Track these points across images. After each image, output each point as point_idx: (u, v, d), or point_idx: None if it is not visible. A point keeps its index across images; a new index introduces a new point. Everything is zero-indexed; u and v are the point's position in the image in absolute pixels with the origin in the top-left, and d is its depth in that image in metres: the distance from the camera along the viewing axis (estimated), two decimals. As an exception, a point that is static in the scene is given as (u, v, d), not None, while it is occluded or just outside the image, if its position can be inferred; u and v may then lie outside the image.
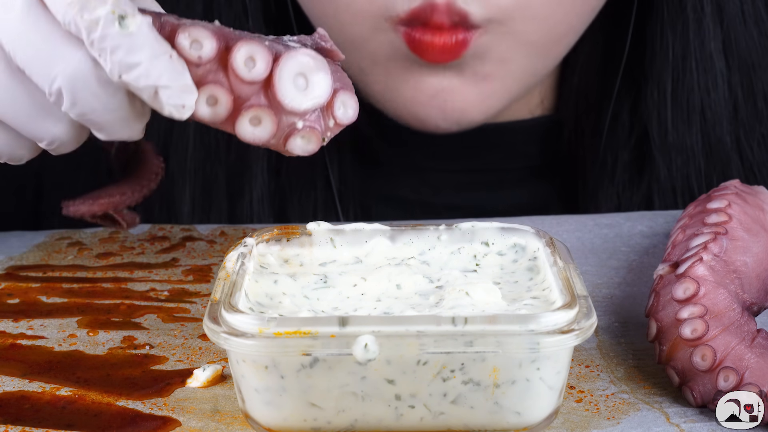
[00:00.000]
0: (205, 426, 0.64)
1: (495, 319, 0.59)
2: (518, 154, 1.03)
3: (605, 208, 1.01)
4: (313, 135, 0.66)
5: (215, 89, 0.65)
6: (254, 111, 0.65)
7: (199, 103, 0.65)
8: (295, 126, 0.66)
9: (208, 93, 0.65)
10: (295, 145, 0.66)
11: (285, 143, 0.66)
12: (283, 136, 0.66)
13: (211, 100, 0.65)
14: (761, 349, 0.64)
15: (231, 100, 0.65)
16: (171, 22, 0.64)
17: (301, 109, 0.65)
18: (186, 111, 0.64)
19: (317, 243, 0.71)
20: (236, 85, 0.65)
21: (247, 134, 0.66)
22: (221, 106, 0.65)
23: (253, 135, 0.66)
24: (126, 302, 0.79)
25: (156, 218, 0.99)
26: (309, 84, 0.65)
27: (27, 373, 0.70)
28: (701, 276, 0.67)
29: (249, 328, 0.59)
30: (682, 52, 0.98)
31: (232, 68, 0.64)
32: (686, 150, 1.00)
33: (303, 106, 0.65)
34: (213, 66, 0.65)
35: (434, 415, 0.61)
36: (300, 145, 0.66)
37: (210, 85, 0.65)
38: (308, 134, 0.66)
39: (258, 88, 0.65)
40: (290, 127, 0.66)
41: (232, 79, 0.65)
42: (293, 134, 0.66)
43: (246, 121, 0.65)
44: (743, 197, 0.75)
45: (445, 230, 0.72)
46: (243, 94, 0.65)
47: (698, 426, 0.63)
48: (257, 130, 0.66)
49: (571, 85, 1.03)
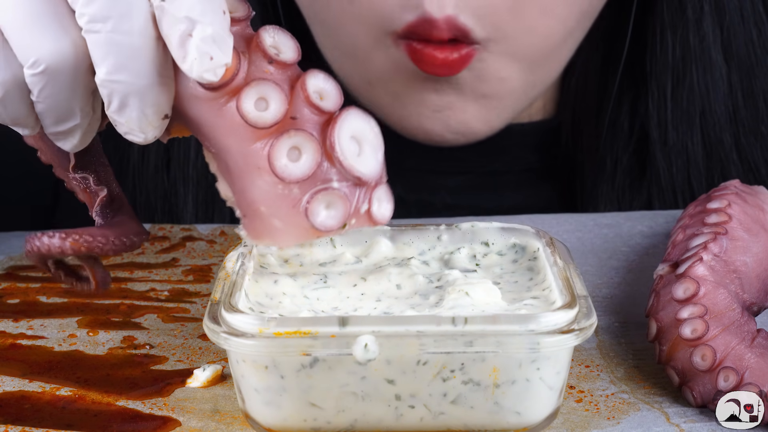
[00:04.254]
0: (205, 426, 0.64)
1: (495, 319, 0.59)
2: (518, 157, 1.03)
3: (605, 211, 1.01)
4: (342, 206, 0.61)
5: (272, 91, 0.60)
6: (300, 137, 0.60)
7: (246, 97, 0.60)
8: (331, 185, 0.61)
9: (263, 92, 0.60)
10: (318, 206, 0.61)
11: (311, 198, 0.61)
12: (315, 189, 0.61)
13: (261, 103, 0.60)
14: (761, 349, 0.64)
15: (283, 111, 0.60)
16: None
17: (353, 171, 0.60)
18: (212, 66, 0.59)
19: (317, 243, 0.71)
20: (297, 102, 0.60)
21: (281, 159, 0.60)
22: (269, 113, 0.60)
23: (286, 166, 0.60)
24: (126, 302, 0.79)
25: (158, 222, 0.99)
26: (362, 152, 0.61)
27: (27, 373, 0.70)
28: (701, 276, 0.67)
29: (249, 328, 0.59)
30: (682, 53, 0.98)
31: (304, 86, 0.60)
32: (687, 151, 1.00)
33: (356, 167, 0.61)
34: (282, 72, 0.61)
35: (434, 415, 0.61)
36: (322, 210, 0.61)
37: (268, 84, 0.60)
38: (337, 202, 0.61)
39: (318, 121, 0.61)
40: (325, 182, 0.61)
41: (296, 96, 0.60)
42: (323, 192, 0.61)
43: (286, 145, 0.60)
44: (743, 197, 0.75)
45: (445, 230, 0.72)
46: (300, 114, 0.60)
47: (698, 426, 0.63)
48: (294, 163, 0.60)
49: (569, 88, 1.03)
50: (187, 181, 1.00)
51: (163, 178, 0.99)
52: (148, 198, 1.00)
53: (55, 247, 0.65)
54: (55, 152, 0.68)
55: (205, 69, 0.59)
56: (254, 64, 0.61)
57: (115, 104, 0.61)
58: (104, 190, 0.67)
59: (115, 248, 0.65)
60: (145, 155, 1.00)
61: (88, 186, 0.67)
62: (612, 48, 1.01)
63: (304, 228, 0.61)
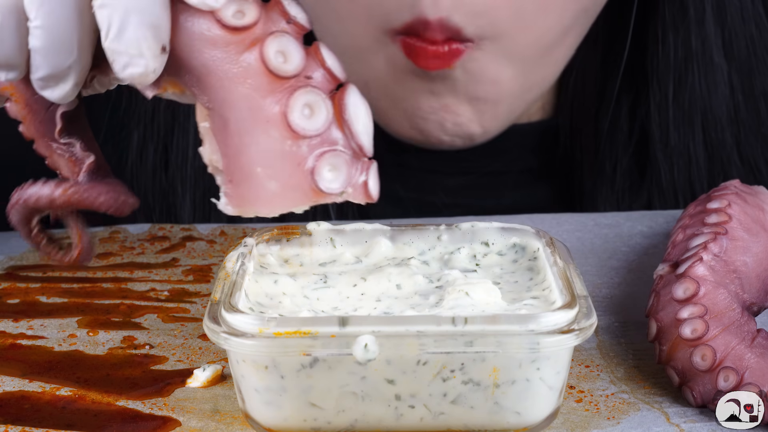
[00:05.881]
0: (205, 426, 0.64)
1: (495, 319, 0.59)
2: (517, 157, 1.03)
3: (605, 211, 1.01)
4: (346, 171, 0.61)
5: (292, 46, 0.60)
6: (315, 95, 0.60)
7: (269, 45, 0.60)
8: (338, 148, 0.61)
9: (284, 46, 0.60)
10: (324, 166, 0.61)
11: (319, 157, 0.61)
12: (323, 149, 0.61)
13: (280, 56, 0.60)
14: (761, 349, 0.64)
15: (302, 66, 0.60)
16: None
17: (358, 139, 0.61)
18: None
19: (317, 243, 0.71)
20: (312, 63, 0.61)
21: (294, 112, 0.60)
22: (290, 65, 0.60)
23: (300, 120, 0.60)
24: (126, 302, 0.79)
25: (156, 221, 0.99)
26: (364, 126, 0.62)
27: (27, 373, 0.70)
28: (701, 276, 0.67)
29: (249, 328, 0.59)
30: (683, 54, 0.98)
31: (318, 52, 0.61)
32: (688, 152, 1.00)
33: (361, 136, 0.61)
34: (298, 32, 0.61)
35: (434, 415, 0.61)
36: (327, 172, 0.61)
37: (289, 38, 0.60)
38: (342, 165, 0.61)
39: (329, 87, 0.61)
40: (332, 144, 0.61)
41: (311, 57, 0.61)
42: (330, 153, 0.61)
43: (301, 100, 0.60)
44: (743, 197, 0.75)
45: (445, 230, 0.72)
46: (314, 75, 0.61)
47: (698, 426, 0.63)
48: (307, 119, 0.60)
49: (567, 88, 1.02)
50: (186, 180, 1.00)
51: (162, 177, 0.99)
52: (146, 197, 1.00)
53: (45, 197, 0.63)
54: (40, 119, 0.65)
55: None
56: (272, 20, 0.61)
57: (114, 27, 0.59)
58: (91, 156, 0.65)
59: (106, 203, 0.63)
60: (143, 154, 1.00)
61: (74, 153, 0.65)
62: (611, 49, 1.01)
63: (305, 189, 0.61)
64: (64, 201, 0.63)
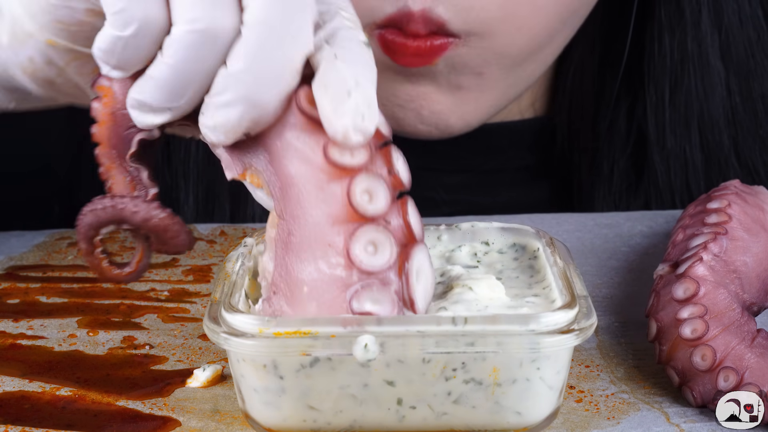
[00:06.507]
0: (205, 426, 0.64)
1: (495, 319, 0.59)
2: (508, 156, 1.03)
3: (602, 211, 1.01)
4: (387, 307, 0.60)
5: (382, 191, 0.60)
6: (383, 236, 0.60)
7: (359, 181, 0.60)
8: (389, 287, 0.60)
9: (373, 187, 0.60)
10: (366, 300, 0.60)
11: (358, 294, 0.60)
12: (368, 283, 0.60)
13: (365, 195, 0.60)
14: (761, 349, 0.64)
15: (384, 212, 0.60)
16: None
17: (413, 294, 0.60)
18: (362, 126, 0.59)
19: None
20: (393, 212, 0.61)
21: (357, 247, 0.59)
22: (373, 206, 0.60)
23: (361, 254, 0.60)
24: (126, 302, 0.79)
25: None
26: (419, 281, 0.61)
27: (27, 373, 0.70)
28: (701, 276, 0.67)
29: (249, 328, 0.59)
30: (679, 56, 0.98)
31: (405, 208, 0.61)
32: (685, 155, 1.00)
33: (415, 294, 0.60)
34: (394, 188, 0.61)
35: (437, 415, 0.61)
36: (368, 303, 0.60)
37: (381, 183, 0.60)
38: (383, 300, 0.60)
39: (401, 239, 0.61)
40: (383, 282, 0.60)
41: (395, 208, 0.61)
42: (377, 288, 0.60)
43: (368, 236, 0.60)
44: (743, 197, 0.75)
45: (445, 230, 0.72)
46: (392, 222, 0.61)
47: (698, 426, 0.63)
48: (368, 255, 0.60)
49: (564, 89, 1.02)
50: (188, 176, 0.99)
51: (164, 173, 0.99)
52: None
53: (129, 211, 0.62)
54: (118, 134, 0.64)
55: (355, 126, 0.58)
56: (374, 163, 0.61)
57: (225, 98, 0.59)
58: (156, 188, 0.64)
59: (177, 233, 0.63)
60: None
61: (140, 179, 0.64)
62: (609, 50, 1.01)
63: (338, 313, 0.60)
64: (144, 219, 0.63)
